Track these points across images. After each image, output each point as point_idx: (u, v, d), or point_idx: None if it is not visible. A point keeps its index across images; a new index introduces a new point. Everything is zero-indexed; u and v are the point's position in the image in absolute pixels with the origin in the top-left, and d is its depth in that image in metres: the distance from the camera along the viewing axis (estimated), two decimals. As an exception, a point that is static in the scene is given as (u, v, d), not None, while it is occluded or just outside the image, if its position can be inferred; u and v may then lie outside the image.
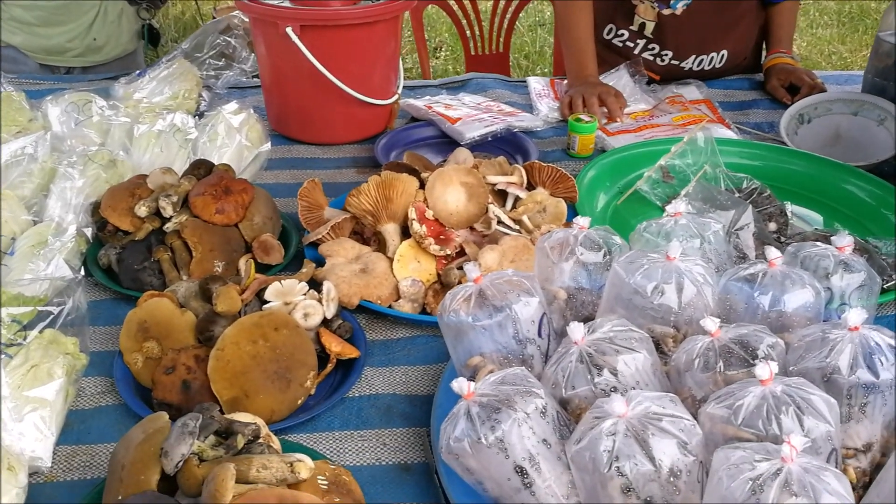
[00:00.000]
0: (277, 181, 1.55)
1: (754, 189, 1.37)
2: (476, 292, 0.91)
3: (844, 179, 1.47)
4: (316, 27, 1.52)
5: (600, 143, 1.66)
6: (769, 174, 1.50)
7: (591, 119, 1.62)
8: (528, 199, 1.29)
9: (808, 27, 5.51)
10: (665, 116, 1.75)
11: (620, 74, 1.92)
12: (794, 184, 1.50)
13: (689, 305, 0.92)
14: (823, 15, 5.68)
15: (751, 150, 1.56)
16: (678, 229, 1.05)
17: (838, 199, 1.46)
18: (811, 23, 5.57)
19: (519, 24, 5.00)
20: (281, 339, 1.00)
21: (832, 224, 1.42)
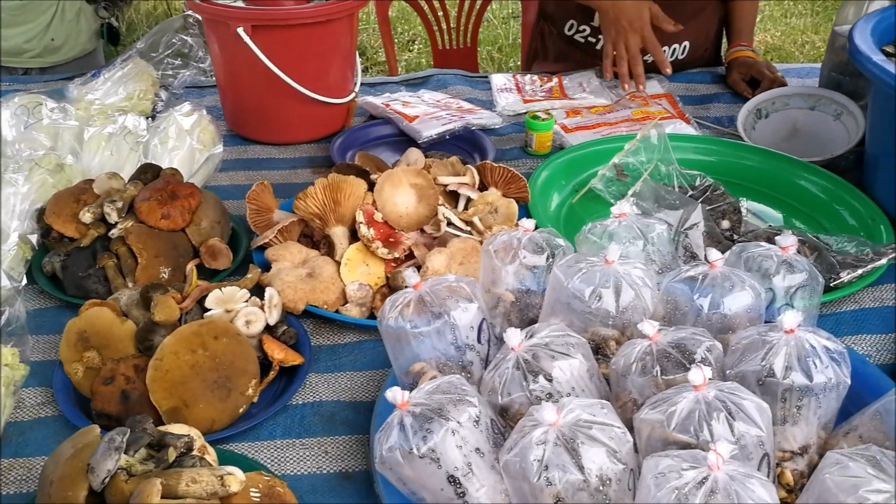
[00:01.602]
0: (232, 182, 1.53)
1: (707, 186, 1.36)
2: (415, 299, 0.91)
3: (799, 175, 1.47)
4: (268, 27, 1.50)
5: (558, 139, 1.65)
6: (725, 170, 1.50)
7: (549, 117, 1.61)
8: (480, 200, 1.28)
9: (783, 16, 5.52)
10: (626, 111, 1.75)
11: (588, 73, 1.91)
12: (750, 180, 1.49)
13: (628, 309, 0.91)
14: (797, 4, 5.69)
15: (707, 145, 1.56)
16: (622, 230, 1.04)
17: (793, 195, 1.45)
18: (785, 12, 5.58)
19: (492, 15, 4.99)
20: (221, 348, 0.98)
21: (791, 220, 1.42)
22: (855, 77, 1.60)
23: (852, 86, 1.62)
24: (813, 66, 1.99)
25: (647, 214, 1.18)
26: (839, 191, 1.41)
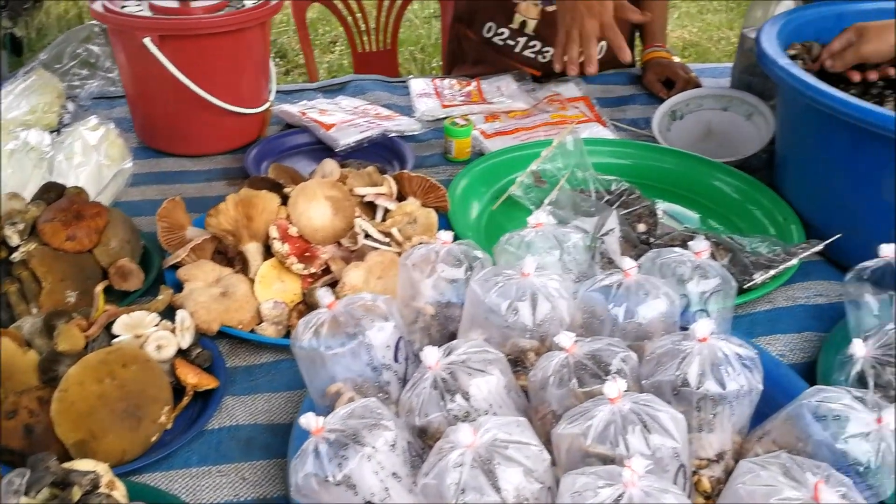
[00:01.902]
0: (144, 197, 1.49)
1: (623, 190, 1.37)
2: (329, 319, 0.89)
3: (713, 176, 1.49)
4: (177, 37, 1.46)
5: (477, 145, 1.64)
6: (641, 173, 1.52)
7: (467, 123, 1.60)
8: (398, 210, 1.26)
9: (699, 13, 5.64)
10: (544, 115, 1.75)
11: (505, 76, 1.92)
12: (665, 181, 1.51)
13: (545, 321, 0.91)
14: (713, 1, 5.82)
15: (622, 148, 1.57)
16: (539, 240, 1.04)
17: (708, 196, 1.48)
18: (701, 9, 5.70)
19: (413, 16, 4.97)
20: (130, 376, 0.95)
21: (706, 221, 1.44)
22: (764, 78, 1.63)
23: (762, 86, 1.66)
24: (726, 65, 2.02)
25: (563, 222, 1.18)
26: (752, 191, 1.44)
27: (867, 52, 1.33)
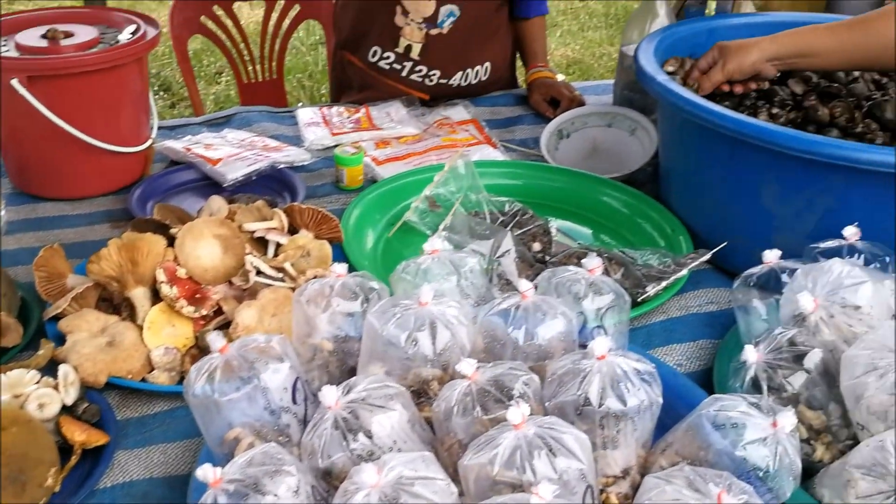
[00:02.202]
0: (21, 246, 1.41)
1: (517, 210, 1.38)
2: (222, 364, 0.86)
3: (602, 191, 1.52)
4: (47, 77, 1.40)
5: (370, 172, 1.63)
6: (533, 192, 1.53)
7: (357, 150, 1.59)
8: (291, 244, 1.24)
9: (580, 30, 5.79)
10: (434, 139, 1.75)
11: (393, 102, 1.91)
12: (557, 199, 1.53)
13: (446, 350, 0.90)
14: (592, 18, 5.99)
15: (513, 169, 1.59)
16: (436, 267, 1.03)
17: (599, 211, 1.51)
18: (582, 26, 5.86)
19: (300, 43, 4.93)
20: (10, 439, 0.89)
21: (599, 236, 1.47)
22: (644, 94, 1.68)
23: (643, 102, 1.70)
24: (608, 82, 2.08)
25: (459, 247, 1.18)
26: (640, 204, 1.47)
27: (731, 70, 1.38)
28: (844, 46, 1.32)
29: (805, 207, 1.20)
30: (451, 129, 1.80)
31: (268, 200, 1.40)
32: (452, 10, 1.88)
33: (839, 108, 1.36)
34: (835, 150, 1.13)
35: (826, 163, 1.13)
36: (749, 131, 1.18)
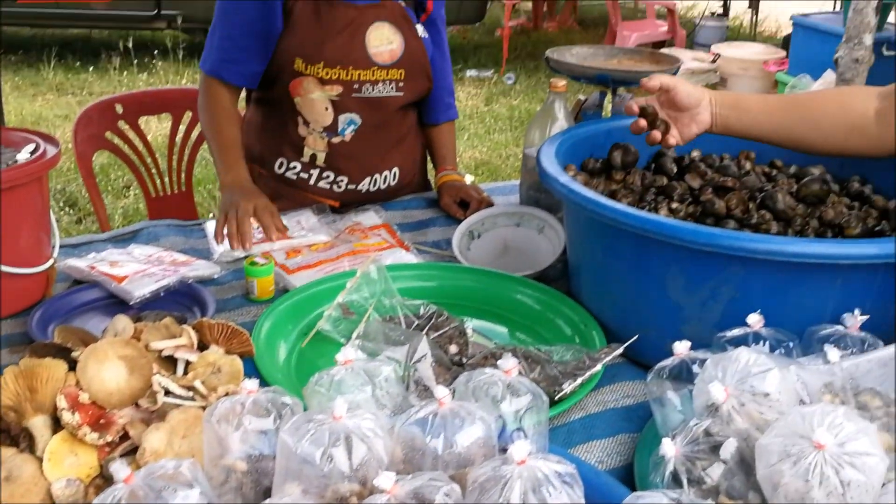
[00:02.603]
0: None
1: (432, 313, 1.39)
2: (126, 495, 0.81)
3: (515, 289, 1.54)
4: (-60, 199, 1.35)
5: (281, 282, 1.61)
6: (447, 293, 1.54)
7: (268, 261, 1.57)
8: (200, 361, 1.20)
9: (486, 133, 5.97)
10: (346, 245, 1.75)
11: (303, 210, 1.91)
12: (472, 299, 1.54)
13: (363, 465, 0.88)
14: (497, 121, 6.19)
15: (427, 271, 1.60)
16: (350, 378, 1.02)
17: (513, 310, 1.52)
18: (488, 129, 6.04)
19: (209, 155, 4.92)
20: None
21: (515, 334, 1.47)
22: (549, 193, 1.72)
23: (548, 201, 1.75)
24: (515, 182, 2.13)
25: (374, 355, 1.16)
26: (552, 301, 1.49)
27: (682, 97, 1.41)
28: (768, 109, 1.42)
29: (710, 297, 1.24)
30: (363, 234, 1.81)
31: (176, 317, 1.36)
32: (352, 119, 1.91)
33: (734, 200, 1.42)
34: (732, 241, 1.17)
35: (726, 254, 1.18)
36: (651, 227, 1.21)
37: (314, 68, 1.85)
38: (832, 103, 1.43)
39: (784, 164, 1.63)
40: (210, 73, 1.92)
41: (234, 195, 1.77)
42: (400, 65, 1.91)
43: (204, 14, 6.29)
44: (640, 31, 7.03)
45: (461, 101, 6.65)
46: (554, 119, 1.76)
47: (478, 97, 6.83)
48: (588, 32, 9.15)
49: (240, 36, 1.87)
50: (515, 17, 9.08)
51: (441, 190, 2.04)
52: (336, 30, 1.83)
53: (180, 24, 6.93)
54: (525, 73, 7.41)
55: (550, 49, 1.85)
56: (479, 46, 8.47)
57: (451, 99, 2.14)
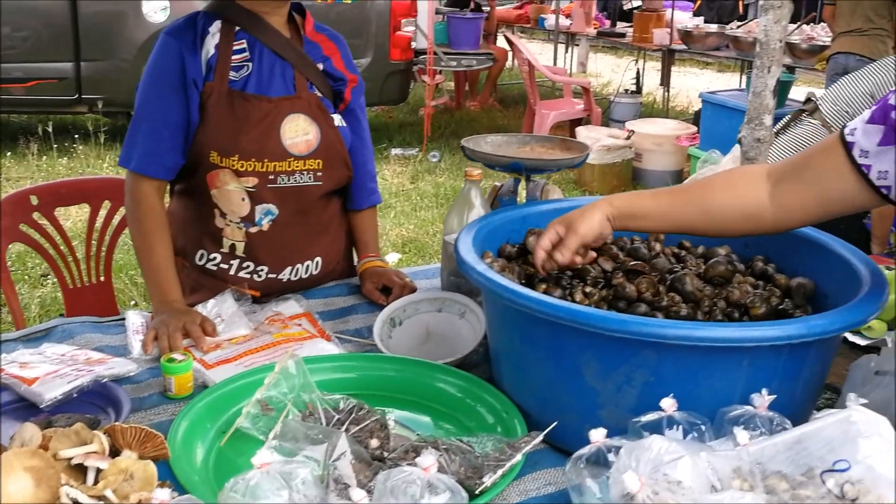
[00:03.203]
0: None
1: (352, 407, 1.37)
2: None
3: (437, 378, 1.54)
4: None
5: (200, 377, 1.59)
6: (368, 384, 1.53)
7: (185, 357, 1.55)
8: (112, 468, 1.17)
9: (413, 210, 6.02)
10: (266, 336, 1.74)
11: (224, 298, 1.89)
12: (393, 389, 1.54)
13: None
14: (423, 199, 6.26)
15: (346, 362, 1.59)
16: (266, 482, 1.00)
17: (436, 399, 1.52)
18: (414, 206, 6.10)
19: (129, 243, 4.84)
20: None
21: (438, 424, 1.47)
22: (469, 279, 1.75)
23: (469, 286, 1.77)
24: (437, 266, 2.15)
25: (292, 455, 1.15)
26: (474, 388, 1.50)
27: (584, 233, 1.45)
28: (663, 210, 1.46)
29: (625, 382, 1.26)
30: (284, 324, 1.80)
31: (88, 420, 1.32)
32: (269, 209, 1.92)
33: (644, 284, 1.47)
34: (642, 327, 1.21)
35: (637, 340, 1.21)
36: (565, 315, 1.24)
37: (229, 161, 1.86)
38: (724, 194, 1.45)
39: (692, 245, 1.69)
40: (136, 170, 1.89)
41: (164, 315, 1.76)
42: (317, 155, 1.93)
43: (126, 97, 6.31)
44: (558, 110, 7.24)
45: (387, 180, 6.72)
46: (471, 206, 1.80)
47: (403, 175, 6.91)
48: (509, 111, 9.40)
49: (163, 130, 1.87)
50: (438, 96, 9.29)
51: (363, 276, 2.04)
52: (251, 123, 1.85)
53: (101, 108, 6.88)
54: (449, 151, 7.53)
55: (466, 138, 1.90)
56: (403, 125, 8.61)
57: (373, 184, 2.16)
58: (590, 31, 9.48)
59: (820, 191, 1.39)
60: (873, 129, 1.36)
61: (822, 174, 1.39)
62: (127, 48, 6.69)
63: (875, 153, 1.35)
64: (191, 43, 1.86)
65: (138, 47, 6.65)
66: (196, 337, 1.70)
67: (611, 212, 1.46)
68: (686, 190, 1.52)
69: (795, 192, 1.41)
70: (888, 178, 1.35)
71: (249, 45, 1.90)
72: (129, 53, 6.69)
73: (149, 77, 1.90)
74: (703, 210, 1.45)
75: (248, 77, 1.88)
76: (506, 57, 8.97)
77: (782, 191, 1.42)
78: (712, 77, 12.11)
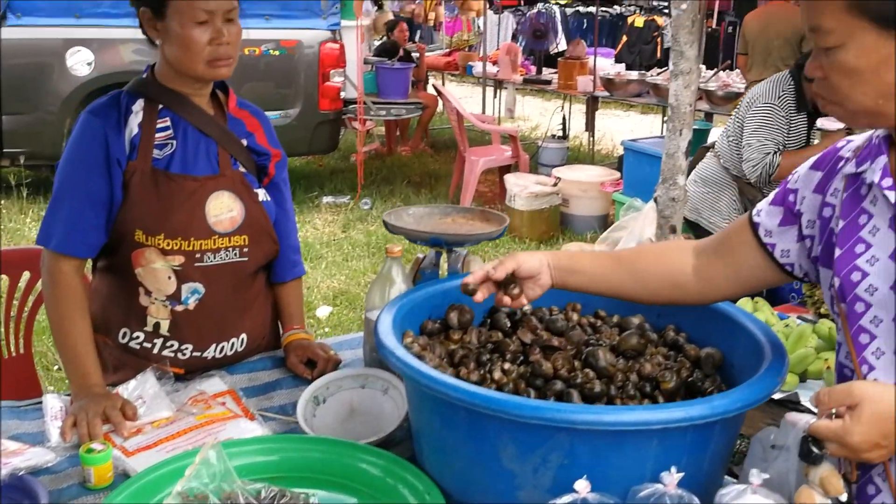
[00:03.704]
0: None
1: (274, 495, 1.38)
2: None
3: (360, 458, 1.55)
4: None
5: (121, 465, 1.57)
6: (291, 466, 1.53)
7: (104, 447, 1.53)
8: (27, 575, 1.15)
9: (344, 260, 6.03)
10: (189, 418, 1.73)
11: (146, 378, 1.87)
12: (317, 471, 1.54)
13: None
14: (355, 248, 6.27)
15: (270, 444, 1.59)
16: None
17: (360, 480, 1.52)
18: (346, 256, 6.11)
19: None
20: None
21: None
22: (392, 354, 1.78)
23: (392, 361, 1.79)
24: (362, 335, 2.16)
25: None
26: (397, 469, 1.51)
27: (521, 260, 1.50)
28: (599, 270, 1.55)
29: (541, 464, 1.30)
30: (207, 404, 1.79)
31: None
32: (196, 288, 1.92)
33: (560, 361, 1.51)
34: (555, 413, 1.25)
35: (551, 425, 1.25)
36: (482, 402, 1.28)
37: (155, 239, 1.86)
38: (654, 262, 1.57)
39: (607, 315, 1.75)
40: (56, 249, 1.86)
41: (83, 401, 1.74)
42: (242, 231, 1.94)
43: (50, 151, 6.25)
44: (487, 156, 7.35)
45: (318, 229, 6.71)
46: (392, 282, 1.83)
47: (335, 224, 6.91)
48: (440, 155, 9.51)
49: (86, 208, 1.86)
50: (370, 142, 9.34)
51: (288, 349, 2.05)
52: (176, 203, 1.86)
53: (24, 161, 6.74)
54: (381, 199, 7.58)
55: (387, 212, 1.94)
56: (335, 171, 8.64)
57: (297, 257, 2.18)
58: (516, 78, 9.69)
59: (736, 267, 1.49)
60: (775, 210, 1.45)
61: (736, 252, 1.49)
62: (51, 101, 6.59)
63: (777, 233, 1.44)
64: (114, 122, 1.87)
65: (62, 100, 6.56)
66: (116, 423, 1.68)
67: (553, 261, 1.53)
68: (621, 256, 1.62)
69: (715, 267, 1.51)
70: (790, 256, 1.44)
71: (173, 123, 1.91)
72: (53, 106, 6.59)
73: (71, 155, 1.89)
74: (634, 275, 1.55)
75: (173, 155, 1.89)
76: (436, 103, 9.09)
77: (705, 265, 1.52)
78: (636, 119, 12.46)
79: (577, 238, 6.57)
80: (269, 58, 6.83)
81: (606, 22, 14.28)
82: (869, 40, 1.18)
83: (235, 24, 1.88)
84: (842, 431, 1.16)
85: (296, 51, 6.88)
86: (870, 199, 1.30)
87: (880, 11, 1.16)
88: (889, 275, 1.25)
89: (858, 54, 1.19)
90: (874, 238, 1.28)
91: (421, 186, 8.13)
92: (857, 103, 1.22)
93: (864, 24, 1.17)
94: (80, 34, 6.53)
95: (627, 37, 13.89)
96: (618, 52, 13.43)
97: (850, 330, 1.30)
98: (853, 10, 1.17)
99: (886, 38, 1.17)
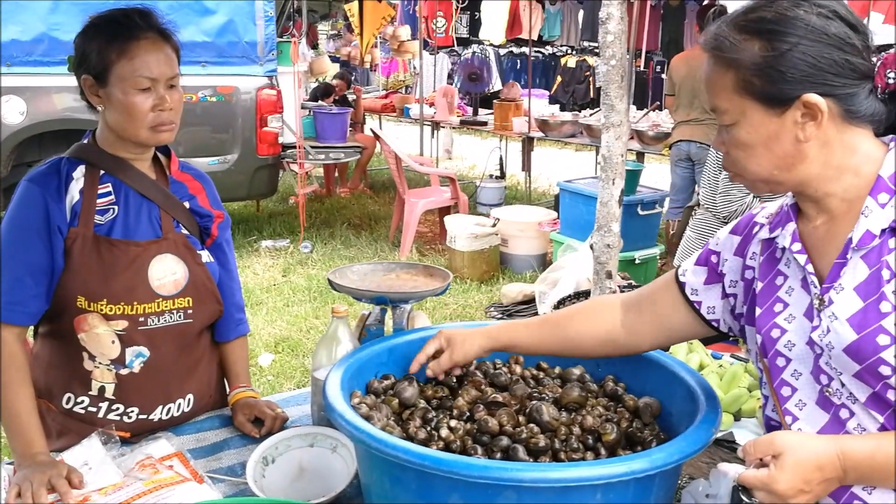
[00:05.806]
0: None
1: (227, 562, 1.39)
2: None
3: (310, 520, 1.57)
4: None
5: (68, 539, 1.56)
6: (243, 532, 1.55)
7: (51, 520, 1.52)
8: None
9: (285, 306, 6.00)
10: (137, 484, 1.72)
11: (91, 443, 1.85)
12: (269, 534, 1.56)
13: None
14: (296, 293, 6.25)
15: (222, 510, 1.60)
16: None
17: (310, 541, 1.54)
18: (287, 301, 6.08)
19: None
20: None
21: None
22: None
23: (340, 419, 1.81)
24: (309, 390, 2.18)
25: None
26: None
27: (458, 360, 1.66)
28: (534, 340, 1.69)
29: (490, 521, 1.34)
30: (154, 469, 1.78)
31: None
32: (140, 352, 1.92)
33: (505, 417, 1.56)
34: (503, 472, 1.29)
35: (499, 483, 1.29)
36: (431, 463, 1.31)
37: (97, 305, 1.86)
38: (584, 323, 1.69)
39: (549, 366, 1.81)
40: None
41: (27, 470, 1.72)
42: (186, 293, 1.96)
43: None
44: (427, 198, 7.43)
45: (258, 274, 6.68)
46: (338, 342, 1.85)
47: (275, 268, 6.88)
48: (379, 196, 9.56)
49: (26, 276, 1.85)
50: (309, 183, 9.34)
51: (235, 408, 2.06)
52: (118, 268, 1.86)
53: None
54: (321, 241, 7.58)
55: (331, 271, 1.97)
56: (273, 215, 8.61)
57: (241, 315, 2.19)
58: (453, 120, 9.83)
59: (663, 321, 1.60)
60: (700, 269, 1.55)
61: (663, 308, 1.60)
62: (-20, 150, 6.48)
63: (703, 291, 1.54)
64: (54, 189, 1.87)
65: (-6, 149, 6.45)
66: (62, 492, 1.67)
67: (490, 345, 1.68)
68: (553, 321, 1.75)
69: (643, 321, 1.62)
70: (716, 312, 1.54)
71: (115, 189, 1.92)
72: (-16, 155, 6.48)
73: (10, 223, 1.88)
74: (567, 339, 1.69)
75: (114, 221, 1.90)
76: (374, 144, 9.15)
77: (632, 319, 1.62)
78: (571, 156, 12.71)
79: (517, 277, 6.66)
80: (206, 104, 6.82)
81: (540, 63, 14.60)
82: (757, 118, 1.31)
83: (177, 90, 1.91)
84: (768, 479, 1.24)
85: (233, 97, 6.88)
86: (784, 262, 1.40)
87: (764, 92, 1.29)
88: (805, 331, 1.34)
89: (749, 130, 1.32)
90: (790, 297, 1.38)
91: (361, 228, 8.16)
92: (754, 174, 1.35)
93: (752, 104, 1.30)
94: (12, 82, 6.45)
95: (562, 77, 14.23)
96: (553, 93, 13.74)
97: (773, 383, 1.38)
98: (741, 91, 1.30)
99: (772, 115, 1.29)
